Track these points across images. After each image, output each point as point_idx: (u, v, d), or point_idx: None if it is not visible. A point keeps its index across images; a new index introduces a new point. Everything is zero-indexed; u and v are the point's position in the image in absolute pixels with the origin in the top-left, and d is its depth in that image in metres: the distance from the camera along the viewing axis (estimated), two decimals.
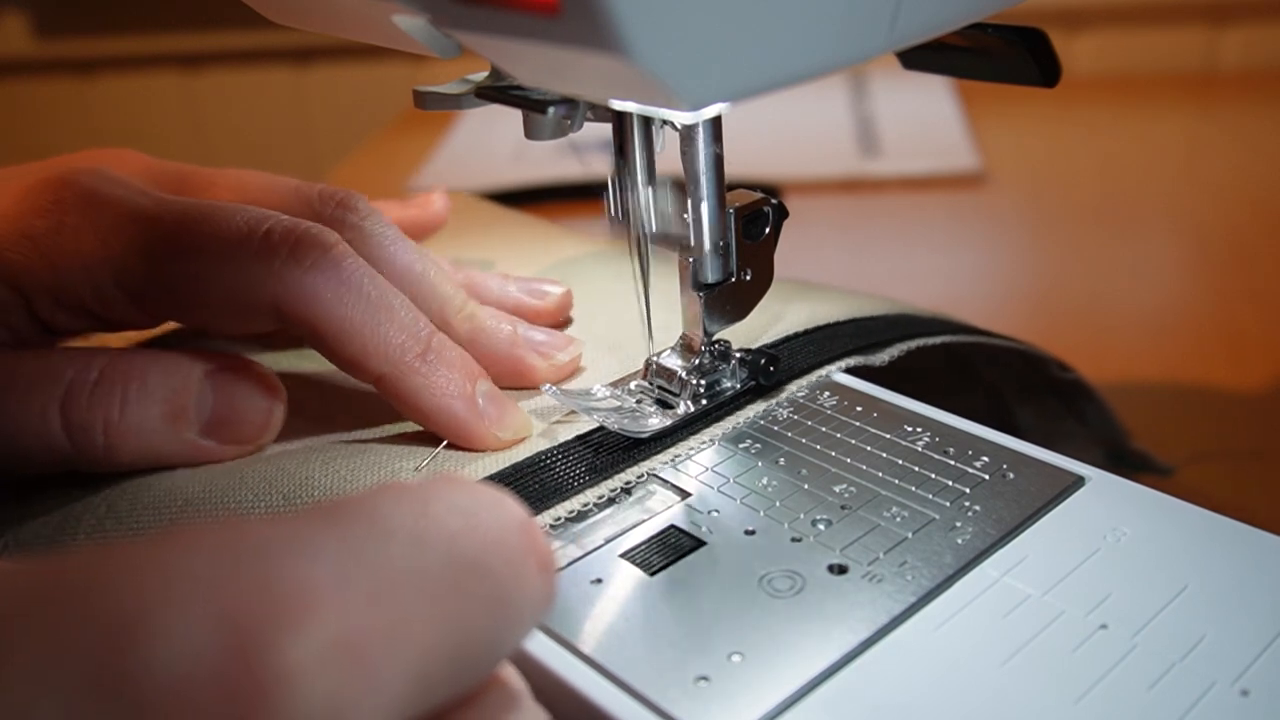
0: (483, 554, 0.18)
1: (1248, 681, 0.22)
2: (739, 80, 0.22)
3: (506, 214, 0.51)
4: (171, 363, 0.31)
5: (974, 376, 0.41)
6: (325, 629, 0.15)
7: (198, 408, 0.30)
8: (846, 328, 0.36)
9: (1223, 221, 0.70)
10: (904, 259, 0.67)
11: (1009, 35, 0.32)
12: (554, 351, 0.34)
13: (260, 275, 0.29)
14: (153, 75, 1.35)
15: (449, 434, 0.30)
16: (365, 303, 0.30)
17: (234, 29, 1.28)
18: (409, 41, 0.27)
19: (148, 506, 0.29)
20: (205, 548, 0.16)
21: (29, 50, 1.34)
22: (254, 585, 0.15)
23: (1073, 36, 1.07)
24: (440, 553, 0.17)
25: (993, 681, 0.22)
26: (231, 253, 0.30)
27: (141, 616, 0.14)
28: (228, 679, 0.14)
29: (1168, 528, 0.27)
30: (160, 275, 0.30)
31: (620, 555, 0.27)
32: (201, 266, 0.30)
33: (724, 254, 0.31)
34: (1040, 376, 0.40)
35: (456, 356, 0.31)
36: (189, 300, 0.31)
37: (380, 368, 0.30)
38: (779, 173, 0.79)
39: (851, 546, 0.26)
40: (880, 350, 0.35)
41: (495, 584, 0.18)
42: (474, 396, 0.30)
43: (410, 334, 0.30)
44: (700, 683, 0.22)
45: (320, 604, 0.15)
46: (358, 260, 0.31)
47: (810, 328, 0.35)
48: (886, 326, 0.36)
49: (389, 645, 0.16)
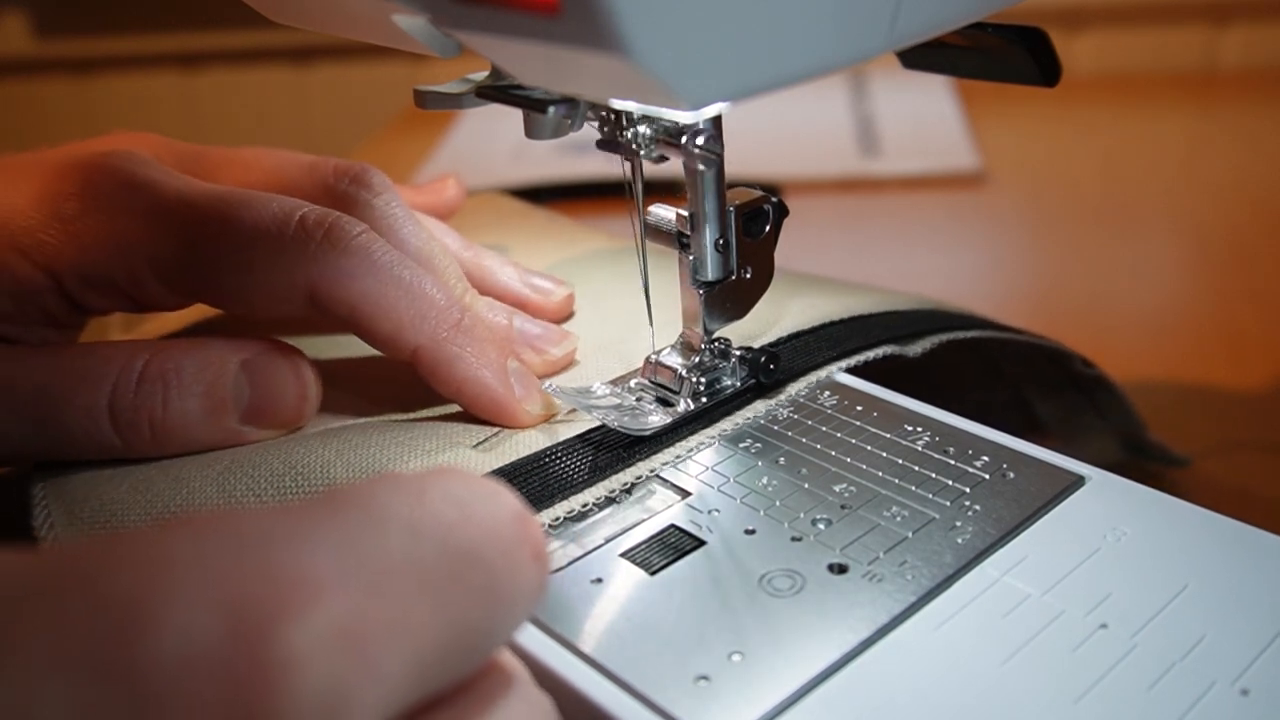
0: (478, 544, 0.18)
1: (1248, 681, 0.22)
2: (739, 80, 0.22)
3: (524, 209, 0.51)
4: (207, 356, 0.31)
5: (994, 369, 0.42)
6: (327, 617, 0.15)
7: (235, 398, 0.31)
8: (875, 320, 0.36)
9: (1223, 221, 0.70)
10: (904, 259, 0.67)
11: (1009, 35, 0.32)
12: (548, 346, 0.34)
13: (296, 260, 0.30)
14: (152, 75, 1.35)
15: (481, 406, 0.31)
16: (398, 283, 0.31)
17: (234, 29, 1.28)
18: (409, 41, 0.27)
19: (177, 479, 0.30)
20: (209, 537, 0.16)
21: (29, 50, 1.34)
22: (257, 574, 0.15)
23: (1073, 36, 1.07)
24: (436, 542, 0.18)
25: (993, 681, 0.22)
26: (268, 239, 0.31)
27: (147, 605, 0.15)
28: (233, 666, 0.14)
29: (1168, 528, 0.27)
30: (196, 260, 0.31)
31: (620, 555, 0.27)
32: (238, 251, 0.31)
33: (724, 252, 0.31)
34: (1060, 371, 0.41)
35: (488, 332, 0.32)
36: (225, 285, 0.32)
37: (416, 340, 0.31)
38: (779, 172, 0.79)
39: (851, 546, 0.26)
40: (912, 342, 0.35)
41: (490, 574, 0.18)
42: (506, 371, 0.31)
43: (444, 309, 0.31)
44: (700, 682, 0.22)
45: (322, 592, 0.16)
46: (386, 244, 0.31)
47: (814, 325, 0.35)
48: (914, 320, 0.37)
49: (389, 634, 0.16)
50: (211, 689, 0.14)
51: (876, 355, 0.35)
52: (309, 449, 0.30)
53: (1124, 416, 0.41)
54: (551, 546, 0.27)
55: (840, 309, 0.36)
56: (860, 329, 0.36)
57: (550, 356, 0.34)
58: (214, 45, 1.31)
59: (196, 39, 1.31)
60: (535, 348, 0.34)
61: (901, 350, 0.35)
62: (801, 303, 0.37)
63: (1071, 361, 0.40)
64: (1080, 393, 0.41)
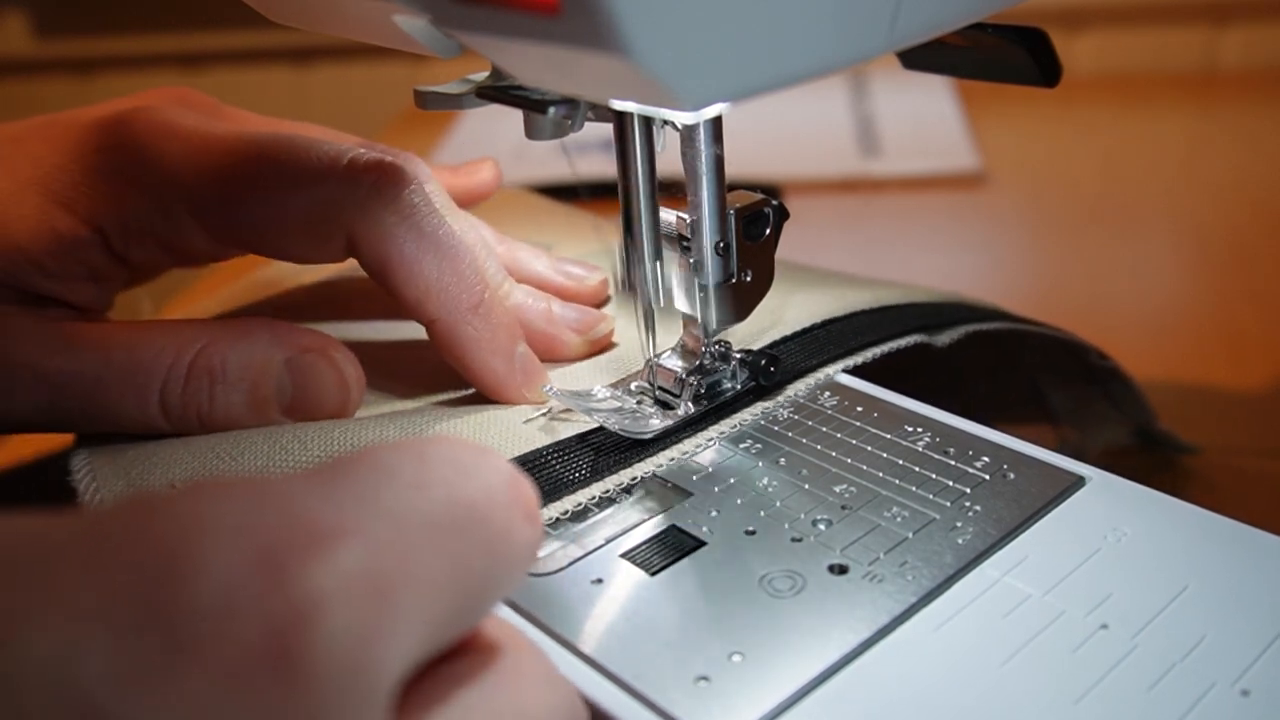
0: (478, 501, 0.19)
1: (1248, 682, 0.22)
2: (739, 80, 0.22)
3: (552, 205, 0.52)
4: (252, 353, 0.32)
5: (1009, 360, 0.42)
6: (351, 559, 0.16)
7: (279, 395, 0.32)
8: (910, 311, 0.37)
9: (1223, 221, 0.70)
10: (904, 259, 0.67)
11: (1009, 35, 0.32)
12: (587, 328, 0.35)
13: (341, 204, 0.31)
14: (153, 75, 1.35)
15: (484, 383, 0.32)
16: (435, 250, 0.31)
17: (234, 29, 1.28)
18: (409, 41, 0.27)
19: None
20: (237, 495, 0.17)
21: (29, 50, 1.34)
22: (283, 523, 0.16)
23: (1073, 36, 1.07)
24: (441, 496, 0.18)
25: (993, 681, 0.22)
26: (313, 180, 0.31)
27: (184, 555, 0.15)
28: (266, 605, 0.15)
29: (1168, 528, 0.27)
30: (237, 201, 0.32)
31: (621, 555, 0.27)
32: (281, 192, 0.31)
33: (724, 255, 0.31)
34: (1075, 362, 0.41)
35: (504, 315, 0.33)
36: (265, 226, 0.32)
37: (436, 312, 0.32)
38: (779, 173, 0.79)
39: (852, 546, 0.26)
40: (941, 333, 0.36)
41: (490, 528, 0.19)
42: (514, 356, 0.32)
43: (468, 287, 0.32)
44: (700, 683, 0.22)
45: (345, 537, 0.16)
46: (432, 206, 0.32)
47: (814, 324, 0.35)
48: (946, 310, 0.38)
49: (407, 581, 0.17)
50: (248, 629, 0.15)
51: (907, 344, 0.35)
52: (350, 432, 0.30)
53: (1136, 407, 0.42)
54: (552, 547, 0.27)
55: (841, 305, 0.36)
56: (863, 325, 0.36)
57: (592, 336, 0.35)
58: (214, 45, 1.31)
59: (196, 39, 1.31)
60: (577, 330, 0.35)
61: (930, 339, 0.36)
62: (803, 299, 0.37)
63: (1088, 354, 0.40)
64: (1093, 384, 0.42)
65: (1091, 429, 0.42)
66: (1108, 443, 0.42)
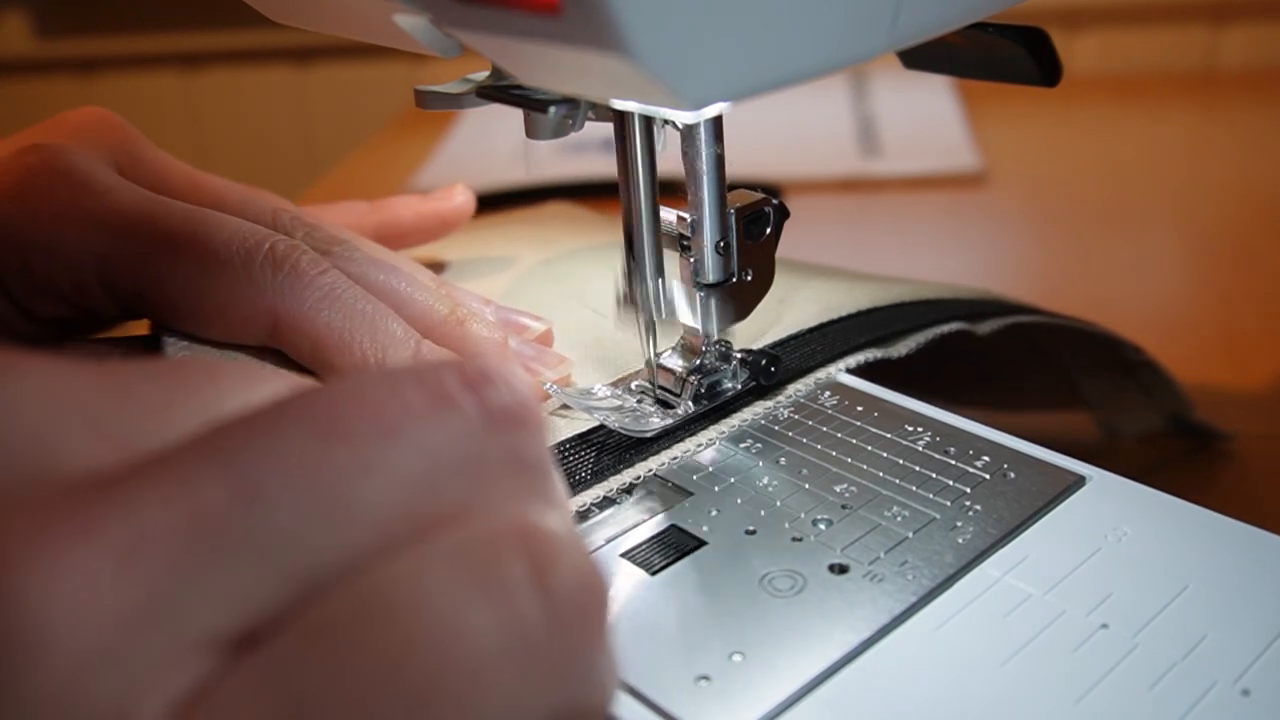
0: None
1: (1249, 681, 0.22)
2: (739, 80, 0.22)
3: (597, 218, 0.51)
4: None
5: (1040, 349, 0.42)
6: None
7: None
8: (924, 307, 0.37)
9: (1224, 221, 0.70)
10: (905, 259, 0.67)
11: (1009, 35, 0.32)
12: (542, 369, 0.33)
13: (261, 290, 0.30)
14: (153, 75, 1.35)
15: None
16: (361, 318, 0.31)
17: (234, 29, 1.28)
18: (410, 41, 0.27)
19: None
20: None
21: (29, 50, 1.34)
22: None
23: (1073, 36, 1.07)
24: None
25: (993, 681, 0.22)
26: (232, 265, 0.30)
27: None
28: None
29: (1168, 528, 0.27)
30: (152, 278, 0.30)
31: (621, 555, 0.27)
32: (199, 274, 0.30)
33: (725, 254, 0.31)
34: (1105, 352, 0.41)
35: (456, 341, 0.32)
36: (181, 307, 0.31)
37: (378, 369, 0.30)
38: (779, 173, 0.79)
39: (852, 546, 0.26)
40: (980, 323, 0.36)
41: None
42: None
43: (401, 342, 0.31)
44: (700, 683, 0.22)
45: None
46: (350, 282, 0.32)
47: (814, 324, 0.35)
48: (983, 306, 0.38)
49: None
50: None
51: (950, 330, 0.36)
52: None
53: (1169, 395, 0.42)
54: None
55: (848, 303, 0.36)
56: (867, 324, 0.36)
57: (542, 378, 0.33)
58: (214, 45, 1.31)
59: (197, 39, 1.31)
60: (530, 369, 0.33)
61: (972, 327, 0.36)
62: (805, 296, 0.37)
63: (1122, 349, 0.41)
64: (1124, 372, 0.42)
65: (1125, 418, 0.43)
66: (1141, 431, 0.43)
